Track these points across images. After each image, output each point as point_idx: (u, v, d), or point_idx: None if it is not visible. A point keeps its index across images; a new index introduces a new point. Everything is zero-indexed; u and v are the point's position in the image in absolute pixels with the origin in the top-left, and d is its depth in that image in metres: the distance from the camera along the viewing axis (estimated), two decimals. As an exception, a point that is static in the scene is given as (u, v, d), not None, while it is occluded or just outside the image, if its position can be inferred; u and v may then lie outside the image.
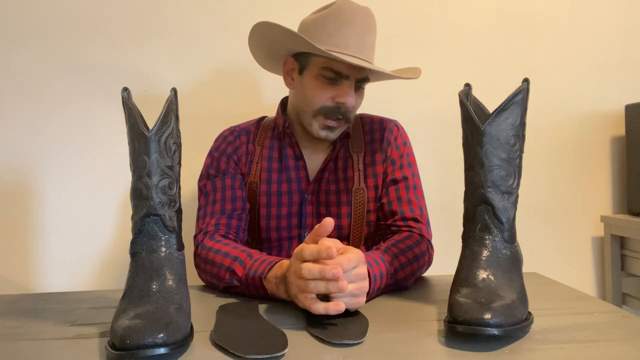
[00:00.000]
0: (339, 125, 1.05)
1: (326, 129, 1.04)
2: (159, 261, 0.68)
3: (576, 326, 0.70)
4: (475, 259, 0.71)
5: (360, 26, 1.00)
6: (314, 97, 1.03)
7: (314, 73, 1.03)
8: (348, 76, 1.01)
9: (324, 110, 1.03)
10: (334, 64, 1.00)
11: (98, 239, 1.51)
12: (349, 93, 1.01)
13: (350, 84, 1.02)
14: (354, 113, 1.07)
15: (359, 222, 1.08)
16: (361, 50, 1.00)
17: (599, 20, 1.65)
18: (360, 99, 1.07)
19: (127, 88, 0.71)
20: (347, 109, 1.03)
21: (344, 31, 1.00)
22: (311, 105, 1.04)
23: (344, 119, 1.04)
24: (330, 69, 1.01)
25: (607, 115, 1.66)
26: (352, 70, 1.01)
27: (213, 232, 1.01)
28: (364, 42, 1.01)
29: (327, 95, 1.02)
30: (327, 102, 1.02)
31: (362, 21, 1.01)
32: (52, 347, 0.66)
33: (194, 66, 1.53)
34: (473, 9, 1.61)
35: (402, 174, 1.08)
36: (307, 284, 0.73)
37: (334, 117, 1.03)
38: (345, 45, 0.99)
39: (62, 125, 1.49)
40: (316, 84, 1.03)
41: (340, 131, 1.07)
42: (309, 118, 1.05)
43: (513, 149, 0.72)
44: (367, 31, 1.02)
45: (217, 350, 0.64)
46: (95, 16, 1.50)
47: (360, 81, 1.04)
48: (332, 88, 1.02)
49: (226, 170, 1.09)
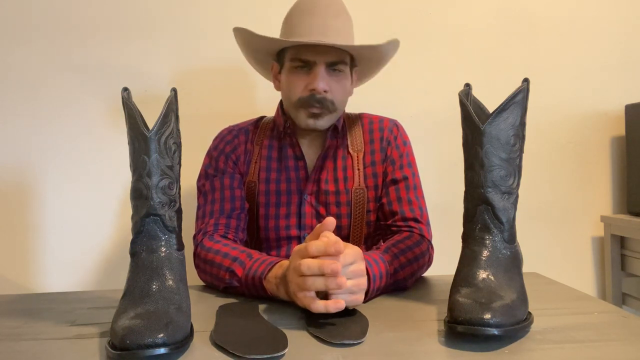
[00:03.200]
0: (323, 112, 1.03)
1: (312, 117, 1.04)
2: (159, 261, 0.68)
3: (576, 326, 0.70)
4: (475, 259, 0.71)
5: (323, 12, 1.02)
6: (290, 90, 1.05)
7: (287, 68, 1.05)
8: (315, 62, 1.02)
9: (301, 101, 1.03)
10: (301, 53, 1.02)
11: (98, 239, 1.51)
12: (317, 78, 1.01)
13: (319, 68, 1.02)
14: (336, 101, 1.04)
15: (358, 222, 1.08)
16: (325, 35, 1.01)
17: (599, 20, 1.65)
18: (338, 85, 1.04)
19: (127, 88, 0.71)
20: (321, 95, 1.01)
21: (306, 20, 1.02)
22: (291, 99, 1.05)
23: (323, 107, 1.02)
24: (297, 59, 1.02)
25: (607, 115, 1.66)
26: (318, 55, 1.01)
27: (212, 232, 1.01)
28: (327, 26, 1.01)
29: (301, 85, 1.03)
30: (302, 93, 1.03)
31: (324, 7, 1.03)
32: (52, 347, 0.66)
33: (194, 66, 1.53)
34: (473, 9, 1.61)
35: (402, 174, 1.08)
36: (305, 281, 0.72)
37: (312, 105, 1.02)
38: (309, 32, 1.01)
39: (62, 125, 1.49)
40: (290, 76, 1.05)
41: (328, 120, 1.05)
42: (294, 112, 1.06)
43: (513, 149, 0.72)
44: (331, 16, 1.03)
45: (217, 350, 0.64)
46: (95, 16, 1.50)
47: (331, 65, 1.03)
48: (304, 77, 1.03)
49: (225, 169, 1.09)
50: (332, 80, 1.04)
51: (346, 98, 1.10)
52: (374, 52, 1.07)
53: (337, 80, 1.05)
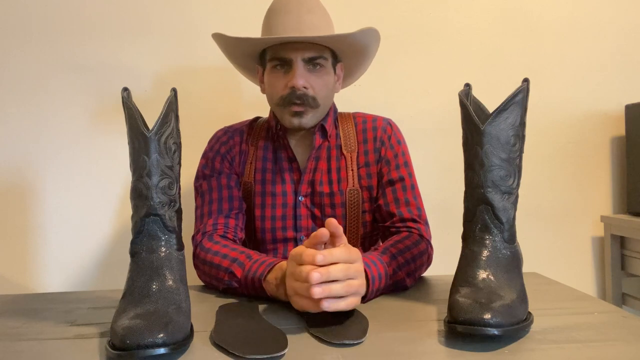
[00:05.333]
0: (306, 110, 1.02)
1: (295, 116, 1.02)
2: (159, 261, 0.68)
3: (576, 326, 0.70)
4: (475, 259, 0.71)
5: (296, 9, 1.02)
6: (272, 90, 1.05)
7: (268, 69, 1.05)
8: (291, 59, 1.01)
9: (283, 100, 1.02)
10: (278, 51, 1.02)
11: (98, 239, 1.51)
12: (296, 74, 1.00)
13: (298, 65, 1.01)
14: (318, 97, 1.03)
15: (354, 223, 1.08)
16: (300, 31, 1.01)
17: (599, 20, 1.65)
18: (319, 80, 1.03)
19: (127, 88, 0.71)
20: (301, 91, 1.00)
21: (280, 18, 1.02)
22: (273, 99, 1.05)
23: (305, 104, 1.01)
24: (275, 58, 1.02)
25: (607, 115, 1.66)
26: (295, 51, 1.00)
27: (211, 233, 1.01)
28: (301, 22, 1.01)
29: (281, 84, 1.02)
30: (283, 92, 1.02)
31: (297, 4, 1.03)
32: (52, 347, 0.66)
33: (194, 66, 1.53)
34: (473, 9, 1.61)
35: (399, 175, 1.08)
36: (302, 286, 0.72)
37: (293, 102, 1.01)
38: (283, 29, 1.01)
39: (62, 125, 1.49)
40: (271, 77, 1.05)
41: (313, 118, 1.04)
42: (279, 112, 1.05)
43: (513, 149, 0.72)
44: (305, 12, 1.02)
45: (217, 350, 0.64)
46: (95, 16, 1.50)
47: (309, 61, 1.02)
48: (284, 76, 1.03)
49: (221, 169, 1.09)
50: (312, 76, 1.02)
51: (330, 94, 1.08)
52: (352, 43, 1.04)
53: (317, 76, 1.03)
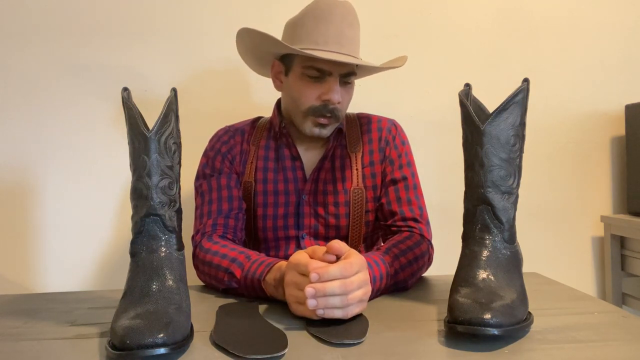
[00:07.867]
0: (330, 122, 1.04)
1: (318, 127, 1.04)
2: (159, 261, 0.68)
3: (576, 326, 0.70)
4: (475, 259, 0.71)
5: (339, 20, 1.00)
6: (300, 97, 1.03)
7: (297, 73, 1.03)
8: (331, 72, 1.01)
9: (312, 110, 1.02)
10: (316, 61, 1.00)
11: (98, 239, 1.51)
12: (333, 89, 1.01)
13: (335, 80, 1.01)
14: (343, 110, 1.06)
15: (357, 222, 1.08)
16: (341, 45, 1.00)
17: (599, 20, 1.65)
18: (348, 95, 1.06)
19: (127, 88, 0.71)
20: (334, 105, 1.02)
21: (321, 27, 1.00)
22: (300, 107, 1.04)
23: (333, 117, 1.03)
24: (312, 67, 1.01)
25: (607, 115, 1.66)
26: (334, 66, 1.00)
27: (211, 233, 1.01)
28: (343, 36, 1.01)
29: (313, 95, 1.02)
30: (314, 102, 1.02)
31: (340, 15, 1.01)
32: (52, 347, 0.66)
33: (194, 66, 1.53)
34: (473, 8, 1.61)
35: (402, 174, 1.08)
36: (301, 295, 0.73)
37: (323, 115, 1.02)
38: (325, 41, 1.00)
39: (62, 125, 1.49)
40: (301, 84, 1.03)
41: (333, 128, 1.06)
42: (300, 119, 1.05)
43: (513, 149, 0.72)
44: (347, 25, 1.02)
45: (217, 350, 0.64)
46: (95, 16, 1.50)
47: (345, 76, 1.03)
48: (317, 86, 1.02)
49: (221, 169, 1.09)
50: (343, 91, 1.04)
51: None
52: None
53: (346, 91, 1.05)
